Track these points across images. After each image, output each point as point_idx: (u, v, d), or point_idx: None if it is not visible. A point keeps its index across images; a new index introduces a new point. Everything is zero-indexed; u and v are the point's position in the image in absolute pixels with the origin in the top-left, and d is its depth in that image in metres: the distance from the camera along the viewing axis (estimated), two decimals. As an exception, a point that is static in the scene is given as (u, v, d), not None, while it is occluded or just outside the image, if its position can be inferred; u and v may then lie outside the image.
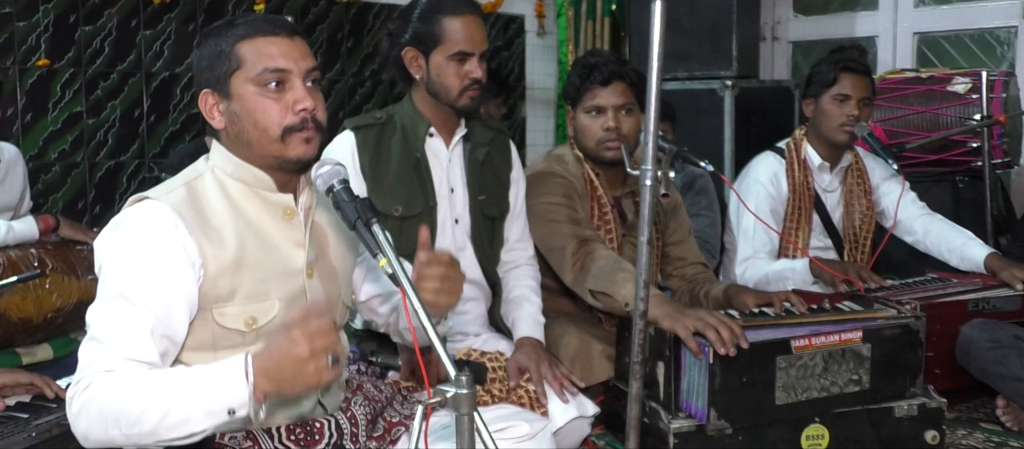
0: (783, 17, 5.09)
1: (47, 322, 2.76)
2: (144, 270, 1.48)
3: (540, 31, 5.00)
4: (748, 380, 2.13)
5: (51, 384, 2.05)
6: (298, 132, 1.56)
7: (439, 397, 1.35)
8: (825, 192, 3.15)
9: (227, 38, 1.57)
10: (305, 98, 1.56)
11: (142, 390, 1.38)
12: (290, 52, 1.57)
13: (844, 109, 2.99)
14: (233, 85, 1.57)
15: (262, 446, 1.58)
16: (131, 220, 1.52)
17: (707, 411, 2.10)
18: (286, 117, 1.56)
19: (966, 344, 2.56)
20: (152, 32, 3.71)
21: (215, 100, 1.59)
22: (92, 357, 1.44)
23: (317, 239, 1.69)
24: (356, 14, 4.32)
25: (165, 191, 1.57)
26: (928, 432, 2.28)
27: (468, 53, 2.28)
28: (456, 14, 2.28)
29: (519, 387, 2.24)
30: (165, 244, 1.49)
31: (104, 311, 1.47)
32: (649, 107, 1.89)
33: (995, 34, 4.46)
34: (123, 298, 1.46)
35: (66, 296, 2.78)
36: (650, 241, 1.91)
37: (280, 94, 1.56)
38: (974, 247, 2.99)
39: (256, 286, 1.57)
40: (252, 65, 1.56)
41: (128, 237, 1.51)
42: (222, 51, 1.57)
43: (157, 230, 1.50)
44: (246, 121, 1.57)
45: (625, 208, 2.72)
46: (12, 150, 2.98)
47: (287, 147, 1.57)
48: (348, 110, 4.29)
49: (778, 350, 2.15)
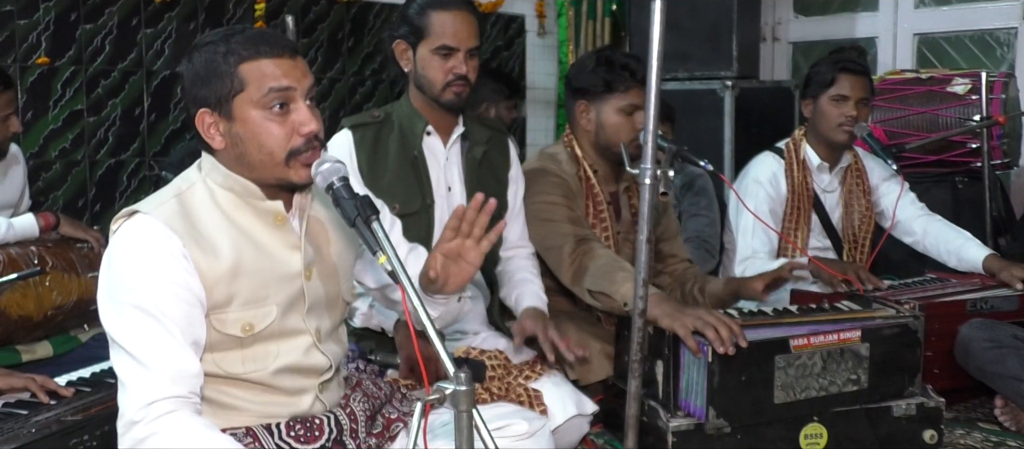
0: (783, 18, 5.10)
1: (47, 319, 2.77)
2: (153, 283, 1.47)
3: (541, 31, 5.01)
4: (747, 379, 2.13)
5: (49, 384, 2.05)
6: (303, 154, 1.55)
7: (438, 394, 1.35)
8: (824, 192, 3.15)
9: (227, 58, 1.53)
10: (310, 120, 1.55)
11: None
12: (293, 72, 1.55)
13: (842, 109, 2.99)
14: (236, 107, 1.54)
15: (262, 442, 1.58)
16: (125, 240, 1.51)
17: (706, 410, 2.11)
18: (292, 140, 1.54)
19: (964, 344, 2.57)
20: (153, 30, 3.72)
21: (214, 120, 1.56)
22: (141, 387, 1.44)
23: (315, 236, 1.69)
24: (357, 13, 4.33)
25: (156, 204, 1.55)
26: (926, 431, 2.28)
27: (452, 48, 2.27)
28: (444, 8, 2.28)
29: (518, 387, 2.24)
30: (164, 255, 1.49)
31: (132, 332, 1.46)
32: (649, 107, 1.90)
33: (995, 35, 4.46)
34: (144, 313, 1.46)
35: (66, 294, 2.79)
36: (649, 239, 1.92)
37: (284, 116, 1.54)
38: (972, 248, 2.99)
39: (253, 293, 1.57)
40: (256, 87, 1.53)
41: (128, 257, 1.50)
42: (221, 71, 1.53)
43: (154, 243, 1.49)
44: (250, 144, 1.55)
45: (621, 203, 2.72)
46: (12, 147, 2.98)
47: (290, 170, 1.56)
48: (348, 109, 4.29)
49: (777, 349, 2.15)
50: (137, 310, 1.46)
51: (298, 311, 1.63)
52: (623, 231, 2.69)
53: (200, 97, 1.56)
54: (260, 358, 1.59)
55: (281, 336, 1.61)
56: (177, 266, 1.49)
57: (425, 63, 2.30)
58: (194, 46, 1.59)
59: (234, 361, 1.58)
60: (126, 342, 1.46)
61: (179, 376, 1.45)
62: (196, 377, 1.48)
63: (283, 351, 1.61)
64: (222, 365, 1.57)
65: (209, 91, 1.55)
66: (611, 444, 2.38)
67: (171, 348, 1.46)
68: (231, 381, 1.59)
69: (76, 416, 1.90)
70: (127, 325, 1.47)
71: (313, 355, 1.65)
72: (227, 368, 1.58)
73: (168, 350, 1.46)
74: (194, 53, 1.58)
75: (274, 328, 1.59)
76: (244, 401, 1.61)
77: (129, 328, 1.46)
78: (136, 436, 1.43)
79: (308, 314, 1.64)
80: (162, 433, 1.42)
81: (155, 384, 1.44)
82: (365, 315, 2.34)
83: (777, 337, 2.17)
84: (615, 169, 2.68)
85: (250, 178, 1.58)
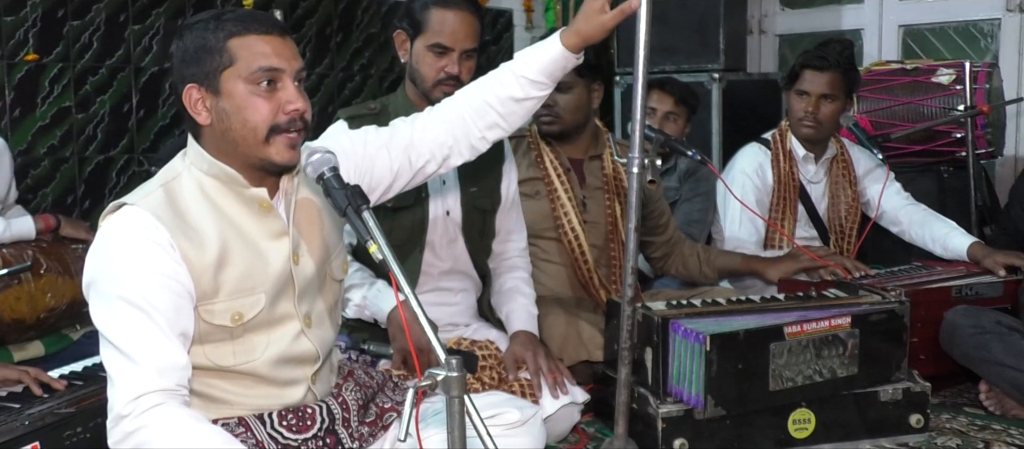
0: (770, 10, 5.12)
1: (40, 322, 2.76)
2: (141, 274, 1.48)
3: (528, 25, 5.02)
4: (744, 367, 2.15)
5: (41, 377, 2.05)
6: (285, 133, 1.56)
7: (429, 380, 1.36)
8: (810, 183, 3.18)
9: (216, 33, 1.55)
10: (296, 99, 1.56)
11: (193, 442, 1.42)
12: (283, 51, 1.56)
13: (802, 104, 3.04)
14: (223, 82, 1.54)
15: (255, 432, 1.59)
16: (112, 232, 1.52)
17: (704, 398, 2.12)
18: (276, 116, 1.55)
19: (950, 330, 2.59)
20: (140, 27, 3.71)
21: (201, 95, 1.56)
22: (128, 380, 1.45)
23: (302, 218, 1.68)
24: (345, 8, 4.33)
25: (143, 195, 1.56)
26: (912, 416, 2.31)
27: (447, 48, 2.28)
28: (446, 7, 2.28)
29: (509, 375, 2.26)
30: (151, 246, 1.49)
31: (119, 325, 1.46)
32: (636, 97, 1.92)
33: (979, 26, 4.49)
34: (131, 305, 1.46)
35: (60, 296, 2.78)
36: (637, 227, 1.94)
37: (271, 93, 1.55)
38: (957, 236, 3.03)
39: (240, 282, 1.57)
40: (245, 62, 1.54)
41: (115, 248, 1.50)
42: (211, 46, 1.54)
43: (140, 234, 1.50)
44: (235, 119, 1.55)
45: (586, 171, 2.79)
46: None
47: (271, 148, 1.56)
48: (337, 104, 4.29)
49: (772, 337, 2.17)
50: (124, 302, 1.47)
51: (288, 297, 1.64)
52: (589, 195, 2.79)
53: (188, 74, 1.56)
54: (250, 349, 1.60)
55: (271, 324, 1.62)
56: (164, 256, 1.50)
57: (419, 58, 2.31)
58: (185, 25, 1.60)
59: (225, 353, 1.59)
60: (113, 336, 1.47)
61: (166, 369, 1.46)
62: (184, 369, 1.49)
63: (273, 340, 1.62)
64: (213, 358, 1.58)
65: (198, 67, 1.55)
66: (601, 432, 2.40)
67: (158, 341, 1.46)
68: (222, 374, 1.60)
69: (69, 409, 1.91)
70: (114, 318, 1.47)
71: (301, 342, 1.65)
72: (218, 361, 1.58)
73: (155, 343, 1.46)
74: (185, 31, 1.58)
75: (263, 316, 1.60)
76: (236, 394, 1.62)
77: (116, 321, 1.47)
78: (124, 430, 1.44)
79: (299, 299, 1.65)
80: (150, 426, 1.43)
81: (142, 378, 1.44)
82: (358, 307, 2.35)
83: (772, 324, 2.19)
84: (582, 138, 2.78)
85: (234, 162, 1.59)
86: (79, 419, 1.87)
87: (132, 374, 1.45)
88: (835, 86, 3.04)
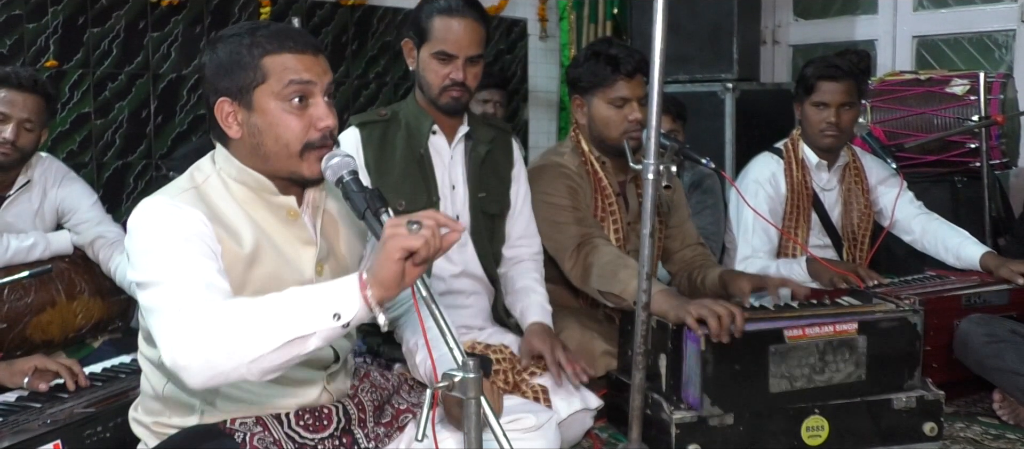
0: (783, 21, 5.14)
1: (67, 341, 2.78)
2: (180, 238, 1.48)
3: (542, 34, 5.04)
4: (741, 368, 2.16)
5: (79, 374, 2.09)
6: (317, 149, 1.58)
7: (446, 381, 1.38)
8: (823, 191, 3.18)
9: (251, 50, 1.56)
10: (327, 115, 1.58)
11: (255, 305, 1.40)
12: (314, 68, 1.58)
13: (823, 116, 3.05)
14: (256, 98, 1.57)
15: (272, 430, 1.61)
16: (146, 212, 1.53)
17: (701, 398, 2.14)
18: (308, 133, 1.57)
19: (963, 338, 2.59)
20: (159, 34, 3.76)
21: (233, 109, 1.58)
22: (178, 298, 1.42)
23: (327, 231, 1.71)
24: (361, 16, 4.37)
25: (178, 190, 1.58)
26: (926, 424, 2.31)
27: (451, 55, 2.30)
28: (448, 14, 2.31)
29: (523, 382, 2.27)
30: (189, 219, 1.51)
31: (160, 265, 1.45)
32: (652, 104, 1.93)
33: (993, 37, 4.50)
34: (171, 250, 1.46)
35: (89, 316, 2.79)
36: (653, 233, 1.95)
37: (303, 110, 1.57)
38: (970, 246, 3.02)
39: (267, 282, 1.59)
40: (277, 80, 1.56)
41: (151, 223, 1.51)
42: (245, 62, 1.56)
43: (176, 211, 1.51)
44: (267, 135, 1.57)
45: (629, 195, 2.76)
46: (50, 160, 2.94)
47: (304, 163, 1.58)
48: (352, 112, 4.31)
49: (771, 339, 2.18)
50: (164, 247, 1.46)
51: None
52: (632, 220, 2.72)
53: (221, 87, 1.58)
54: None
55: None
56: (203, 230, 1.51)
57: (425, 65, 2.35)
58: (218, 37, 1.62)
59: None
60: (156, 276, 1.45)
61: (214, 286, 1.45)
62: (229, 294, 1.47)
63: None
64: None
65: (231, 81, 1.57)
66: (615, 437, 2.41)
67: (202, 263, 1.46)
68: None
69: (90, 408, 1.94)
70: (154, 262, 1.46)
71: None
72: None
73: (199, 266, 1.45)
74: (218, 44, 1.60)
75: None
76: (253, 393, 1.63)
77: (156, 263, 1.46)
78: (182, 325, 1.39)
79: None
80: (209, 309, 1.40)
81: (192, 291, 1.42)
82: None
83: (771, 328, 2.20)
84: (622, 161, 2.71)
85: (263, 171, 1.61)
86: (100, 419, 1.90)
87: (181, 291, 1.42)
88: (852, 93, 3.06)
